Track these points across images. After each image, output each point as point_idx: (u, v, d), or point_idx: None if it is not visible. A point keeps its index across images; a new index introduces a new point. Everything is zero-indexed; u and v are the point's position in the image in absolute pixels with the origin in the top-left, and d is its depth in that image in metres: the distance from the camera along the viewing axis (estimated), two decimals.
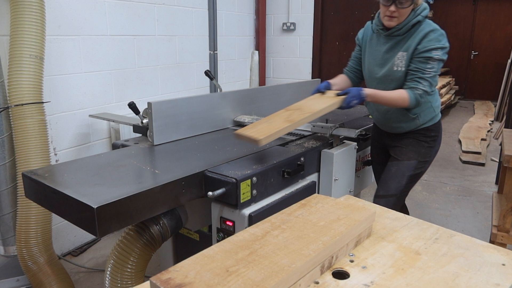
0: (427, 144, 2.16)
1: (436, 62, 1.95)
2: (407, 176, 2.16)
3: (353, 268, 0.94)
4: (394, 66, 2.04)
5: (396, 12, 1.95)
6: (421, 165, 2.17)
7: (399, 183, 2.16)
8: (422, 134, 2.16)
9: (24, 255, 2.22)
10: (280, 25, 5.01)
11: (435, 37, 1.95)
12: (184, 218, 1.71)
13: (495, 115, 7.44)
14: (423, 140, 2.16)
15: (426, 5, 2.02)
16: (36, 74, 2.18)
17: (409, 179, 2.17)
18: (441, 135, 2.24)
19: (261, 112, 2.52)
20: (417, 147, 2.16)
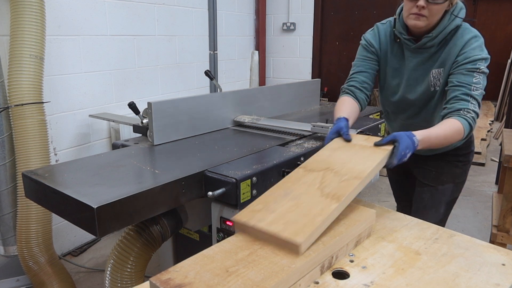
0: (461, 163, 1.82)
1: (482, 75, 1.52)
2: (444, 203, 1.81)
3: (353, 268, 0.94)
4: (431, 86, 1.64)
5: (426, 9, 1.48)
6: (457, 187, 1.83)
7: (437, 212, 1.82)
8: (454, 154, 1.81)
9: (25, 255, 2.22)
10: (280, 25, 5.01)
11: (478, 45, 1.54)
12: (184, 218, 1.71)
13: (495, 115, 7.44)
14: (455, 159, 1.82)
15: (462, 4, 1.59)
16: (36, 74, 2.18)
17: (447, 205, 1.83)
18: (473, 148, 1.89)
19: (261, 112, 2.52)
20: (450, 169, 1.81)
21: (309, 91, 3.00)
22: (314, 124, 2.17)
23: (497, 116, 7.38)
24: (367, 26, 2.62)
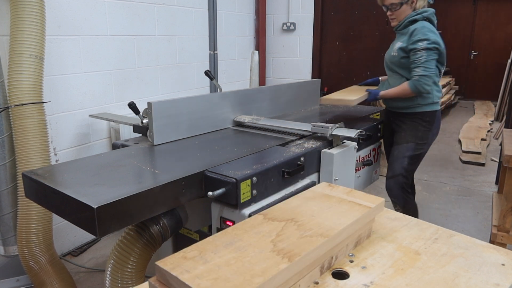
0: (423, 128, 2.47)
1: (423, 50, 2.29)
2: (407, 156, 2.48)
3: (353, 268, 0.94)
4: (392, 51, 2.48)
5: (393, 15, 2.43)
6: (419, 146, 2.48)
7: (402, 163, 2.49)
8: (419, 118, 2.47)
9: (25, 255, 2.22)
10: (280, 25, 5.01)
11: (420, 32, 2.30)
12: (184, 218, 1.71)
13: (495, 115, 7.44)
14: (419, 123, 2.47)
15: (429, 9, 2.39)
16: (36, 74, 2.18)
17: (410, 159, 2.49)
18: (437, 122, 2.52)
19: (261, 112, 2.52)
20: (414, 131, 2.48)
21: (309, 91, 3.00)
22: (314, 124, 2.17)
23: (497, 116, 7.38)
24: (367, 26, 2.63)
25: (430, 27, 2.34)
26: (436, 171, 4.61)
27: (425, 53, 2.29)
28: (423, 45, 2.29)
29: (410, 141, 2.49)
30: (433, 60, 2.31)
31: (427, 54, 2.29)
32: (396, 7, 2.39)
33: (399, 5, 2.38)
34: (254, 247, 0.86)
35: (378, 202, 1.07)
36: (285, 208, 1.05)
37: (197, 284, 0.73)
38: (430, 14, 2.40)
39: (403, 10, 2.40)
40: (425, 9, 2.40)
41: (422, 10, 2.39)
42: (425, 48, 2.29)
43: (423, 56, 2.29)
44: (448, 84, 8.24)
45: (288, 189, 1.81)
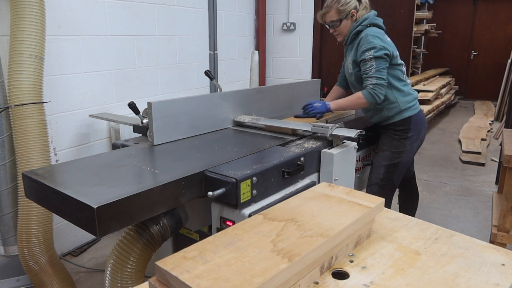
0: (398, 136, 2.42)
1: (372, 60, 2.24)
2: (383, 165, 2.42)
3: (353, 268, 0.94)
4: (349, 69, 2.45)
5: (336, 31, 2.43)
6: (396, 155, 2.41)
7: (378, 173, 2.43)
8: (392, 129, 2.43)
9: (25, 255, 2.22)
10: (280, 25, 5.01)
11: (365, 41, 2.27)
12: (184, 218, 1.71)
13: (495, 115, 7.44)
14: (393, 133, 2.43)
15: (368, 15, 2.36)
16: (36, 74, 2.18)
17: (387, 169, 2.41)
18: (416, 129, 2.43)
19: (261, 112, 2.52)
20: (388, 140, 2.44)
21: (309, 91, 3.00)
22: (314, 124, 2.17)
23: (497, 116, 7.38)
24: None
25: (374, 33, 2.28)
26: (436, 171, 4.62)
27: (374, 62, 2.23)
28: (370, 54, 2.23)
29: (386, 150, 2.42)
30: (384, 68, 2.25)
31: (377, 63, 2.23)
32: (337, 24, 2.37)
33: (339, 22, 2.36)
34: (254, 247, 0.86)
35: (378, 202, 1.07)
36: (285, 208, 1.05)
37: (197, 284, 0.73)
38: (372, 19, 2.34)
39: (345, 25, 2.37)
40: (366, 16, 2.35)
41: (363, 19, 2.34)
42: (373, 57, 2.23)
43: (372, 65, 2.23)
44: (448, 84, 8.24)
45: (288, 189, 1.81)
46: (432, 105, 6.56)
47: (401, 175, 2.46)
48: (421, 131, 2.48)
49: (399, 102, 2.36)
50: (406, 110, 2.38)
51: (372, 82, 2.24)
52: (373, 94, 2.24)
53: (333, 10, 2.35)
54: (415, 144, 2.45)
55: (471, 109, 8.32)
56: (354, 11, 2.34)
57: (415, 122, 2.42)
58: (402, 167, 2.43)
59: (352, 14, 2.34)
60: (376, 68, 2.23)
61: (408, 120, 2.39)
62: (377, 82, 2.23)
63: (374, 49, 2.23)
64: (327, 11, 2.38)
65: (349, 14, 2.34)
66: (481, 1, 9.25)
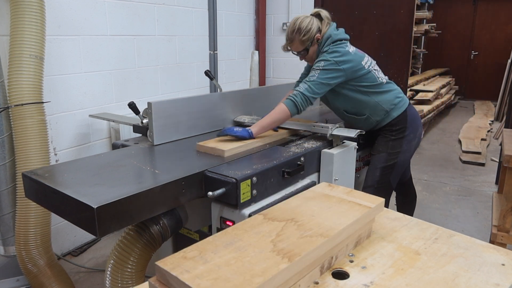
0: (394, 137, 2.32)
1: (318, 70, 2.11)
2: (379, 168, 2.34)
3: (353, 268, 0.94)
4: None
5: (304, 58, 2.32)
6: (392, 156, 2.33)
7: (374, 175, 2.35)
8: (388, 130, 2.34)
9: (23, 257, 2.22)
10: (280, 25, 5.01)
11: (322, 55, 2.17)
12: (184, 218, 1.71)
13: (495, 115, 7.44)
14: (389, 134, 2.33)
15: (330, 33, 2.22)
16: (36, 74, 2.18)
17: (382, 170, 2.33)
18: (412, 124, 2.34)
19: (261, 112, 2.52)
20: (384, 141, 2.35)
21: None
22: (314, 124, 2.17)
23: (497, 116, 7.38)
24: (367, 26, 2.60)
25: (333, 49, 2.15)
26: (436, 171, 4.62)
27: (317, 73, 2.10)
28: (319, 66, 2.11)
29: (382, 151, 2.33)
30: (323, 84, 2.09)
31: (319, 74, 2.09)
32: (305, 53, 2.25)
33: (306, 51, 2.23)
34: (254, 247, 0.86)
35: (378, 202, 1.07)
36: (285, 208, 1.05)
37: (197, 284, 0.73)
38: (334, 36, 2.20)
39: (313, 51, 2.24)
40: (327, 35, 2.21)
41: (325, 39, 2.20)
42: (320, 69, 2.10)
43: (314, 75, 2.10)
44: (448, 84, 8.24)
45: (288, 189, 1.81)
46: (432, 105, 6.56)
47: (398, 175, 2.39)
48: (418, 129, 2.39)
49: (382, 104, 2.26)
50: (393, 110, 2.29)
51: (300, 89, 2.09)
52: (295, 102, 2.07)
53: (297, 41, 2.21)
54: (412, 143, 2.37)
55: (471, 109, 8.32)
56: (318, 35, 2.21)
57: (410, 119, 2.34)
58: (399, 167, 2.36)
59: (317, 38, 2.22)
60: (316, 79, 2.09)
61: (403, 118, 2.31)
62: (304, 92, 2.07)
63: (324, 61, 2.12)
64: (290, 43, 2.24)
65: (314, 40, 2.21)
66: (481, 1, 9.25)
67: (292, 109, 2.07)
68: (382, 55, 4.40)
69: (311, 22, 2.21)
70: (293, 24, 2.21)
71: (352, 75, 2.16)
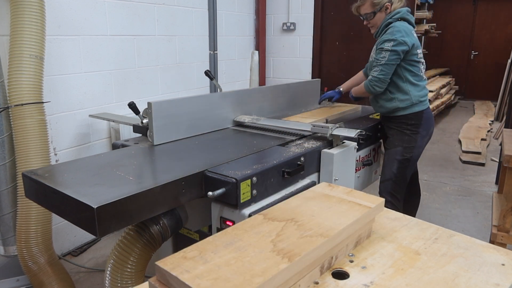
0: (409, 131, 2.45)
1: (387, 52, 2.29)
2: (396, 160, 2.45)
3: (353, 268, 0.94)
4: (370, 57, 2.50)
5: (370, 23, 2.47)
6: (408, 150, 2.45)
7: (391, 168, 2.46)
8: (403, 122, 2.45)
9: (24, 256, 2.22)
10: (280, 25, 5.01)
11: (390, 32, 2.32)
12: (184, 218, 1.71)
13: (495, 115, 7.44)
14: (405, 128, 2.45)
15: (401, 9, 2.40)
16: (36, 74, 2.18)
17: (399, 164, 2.45)
18: (426, 123, 2.47)
19: (261, 112, 2.52)
20: (400, 136, 2.47)
21: (309, 91, 3.00)
22: (314, 124, 2.17)
23: (497, 116, 7.38)
24: (367, 27, 2.61)
25: (400, 27, 2.32)
26: (436, 171, 4.61)
27: (387, 54, 2.29)
28: (388, 46, 2.29)
29: (398, 145, 2.46)
30: (393, 64, 2.31)
31: (389, 56, 2.29)
32: (371, 16, 2.42)
33: (373, 14, 2.41)
34: (254, 247, 0.85)
35: (378, 202, 1.07)
36: (285, 208, 1.05)
37: (197, 284, 0.73)
38: (403, 14, 2.39)
39: (379, 18, 2.42)
40: (398, 10, 2.39)
41: (395, 12, 2.38)
42: (389, 50, 2.28)
43: (385, 57, 2.29)
44: (448, 84, 8.24)
45: (288, 189, 1.81)
46: (432, 105, 6.56)
47: (411, 170, 2.52)
48: (430, 128, 2.52)
49: (412, 95, 2.40)
50: (417, 105, 2.42)
51: (374, 73, 2.33)
52: (370, 86, 2.36)
53: (368, 2, 2.39)
54: (425, 139, 2.49)
55: (471, 109, 8.32)
56: (388, 4, 2.38)
57: (426, 118, 2.46)
58: (413, 162, 2.48)
59: (387, 7, 2.38)
60: (386, 62, 2.29)
61: (420, 114, 2.44)
62: (379, 76, 2.32)
63: (393, 41, 2.27)
64: (362, 4, 2.43)
65: (383, 7, 2.38)
66: (481, 1, 9.25)
67: (367, 89, 2.41)
68: None
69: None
70: None
71: (407, 56, 2.34)
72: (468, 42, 9.43)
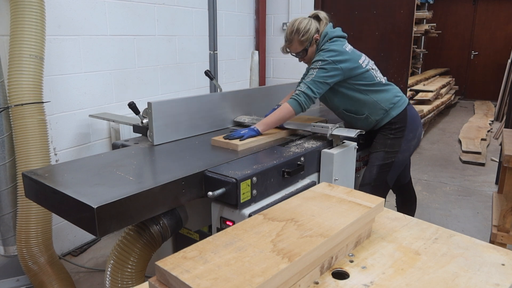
0: (393, 136, 2.32)
1: (315, 69, 2.14)
2: (376, 165, 2.33)
3: (353, 268, 0.94)
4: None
5: (303, 59, 2.35)
6: (390, 155, 2.32)
7: (371, 172, 2.34)
8: (387, 128, 2.33)
9: (24, 255, 2.22)
10: (280, 25, 5.01)
11: (319, 54, 2.20)
12: (184, 218, 1.71)
13: (495, 115, 7.44)
14: (388, 133, 2.33)
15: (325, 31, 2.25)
16: (36, 74, 2.18)
17: (379, 168, 2.33)
18: (411, 124, 2.33)
19: (261, 112, 2.52)
20: (382, 139, 2.34)
21: None
22: (314, 124, 2.17)
23: (497, 116, 7.38)
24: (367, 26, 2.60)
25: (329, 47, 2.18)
26: (436, 171, 4.61)
27: (315, 72, 2.13)
28: (317, 65, 2.15)
29: (379, 150, 2.33)
30: (321, 83, 2.12)
31: (317, 73, 2.13)
32: (304, 54, 2.28)
33: (305, 51, 2.26)
34: (254, 247, 0.86)
35: (378, 202, 1.07)
36: (285, 208, 1.05)
37: (197, 284, 0.73)
38: (330, 34, 2.24)
39: (311, 51, 2.28)
40: (323, 34, 2.25)
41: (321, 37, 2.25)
42: (318, 68, 2.14)
43: (312, 74, 2.14)
44: (448, 84, 8.24)
45: (288, 189, 1.81)
46: (432, 105, 6.56)
47: (395, 174, 2.39)
48: (417, 129, 2.39)
49: (381, 103, 2.26)
50: (392, 108, 2.28)
51: (302, 89, 2.13)
52: (298, 101, 2.12)
53: (296, 42, 2.25)
54: (411, 142, 2.37)
55: (471, 109, 8.32)
56: (317, 35, 2.25)
57: (410, 117, 2.33)
58: (396, 166, 2.35)
59: (316, 38, 2.25)
60: (314, 78, 2.13)
61: (403, 115, 2.31)
62: (306, 91, 2.12)
63: (321, 61, 2.14)
64: (290, 44, 2.28)
65: (312, 40, 2.24)
66: (481, 1, 9.25)
67: (296, 108, 2.12)
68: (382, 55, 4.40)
69: (310, 23, 2.24)
70: (292, 25, 2.25)
71: (350, 73, 2.18)
72: (468, 42, 9.43)
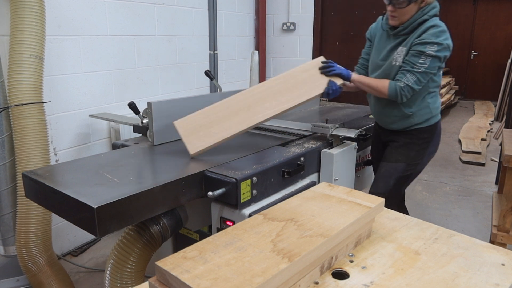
0: (418, 147, 2.14)
1: (429, 58, 1.90)
2: (394, 177, 2.17)
3: (353, 268, 0.94)
4: (393, 60, 2.03)
5: (395, 12, 1.97)
6: (410, 167, 2.17)
7: (387, 183, 2.18)
8: (415, 136, 2.13)
9: (23, 256, 2.22)
10: (280, 25, 5.01)
11: (434, 32, 1.90)
12: (184, 218, 1.71)
13: (495, 115, 7.44)
14: (415, 142, 2.14)
15: (436, 3, 1.98)
16: (36, 74, 2.18)
17: (397, 181, 2.17)
18: (437, 138, 2.20)
19: None
20: (406, 150, 2.15)
21: None
22: (314, 124, 2.17)
23: (497, 116, 7.38)
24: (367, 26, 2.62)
25: (444, 27, 1.93)
26: (436, 171, 4.61)
27: (430, 61, 1.90)
28: (431, 51, 1.88)
29: (400, 161, 2.15)
30: (431, 73, 1.94)
31: (432, 64, 1.91)
32: (402, 4, 1.92)
33: (407, 2, 1.91)
34: (254, 247, 0.86)
35: (378, 202, 1.07)
36: (285, 208, 1.05)
37: (197, 284, 0.73)
38: (438, 10, 1.99)
39: (409, 9, 1.94)
40: (434, 4, 1.97)
41: (430, 7, 1.96)
42: (434, 56, 1.89)
43: (425, 64, 1.90)
44: (448, 84, 8.24)
45: (288, 189, 1.81)
46: None
47: (409, 184, 2.29)
48: (438, 145, 2.25)
49: (431, 108, 2.09)
50: (434, 117, 2.13)
51: (409, 81, 1.92)
52: (399, 93, 1.94)
53: None
54: (430, 156, 2.23)
55: (471, 109, 8.32)
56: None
57: (439, 130, 2.19)
58: (413, 177, 2.24)
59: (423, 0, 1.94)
60: (426, 69, 1.91)
61: (435, 126, 2.15)
62: (412, 85, 1.92)
63: (439, 45, 1.89)
64: None
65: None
66: (481, 1, 9.25)
67: (391, 95, 1.97)
68: None
69: None
70: None
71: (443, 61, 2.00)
72: (468, 42, 9.43)
